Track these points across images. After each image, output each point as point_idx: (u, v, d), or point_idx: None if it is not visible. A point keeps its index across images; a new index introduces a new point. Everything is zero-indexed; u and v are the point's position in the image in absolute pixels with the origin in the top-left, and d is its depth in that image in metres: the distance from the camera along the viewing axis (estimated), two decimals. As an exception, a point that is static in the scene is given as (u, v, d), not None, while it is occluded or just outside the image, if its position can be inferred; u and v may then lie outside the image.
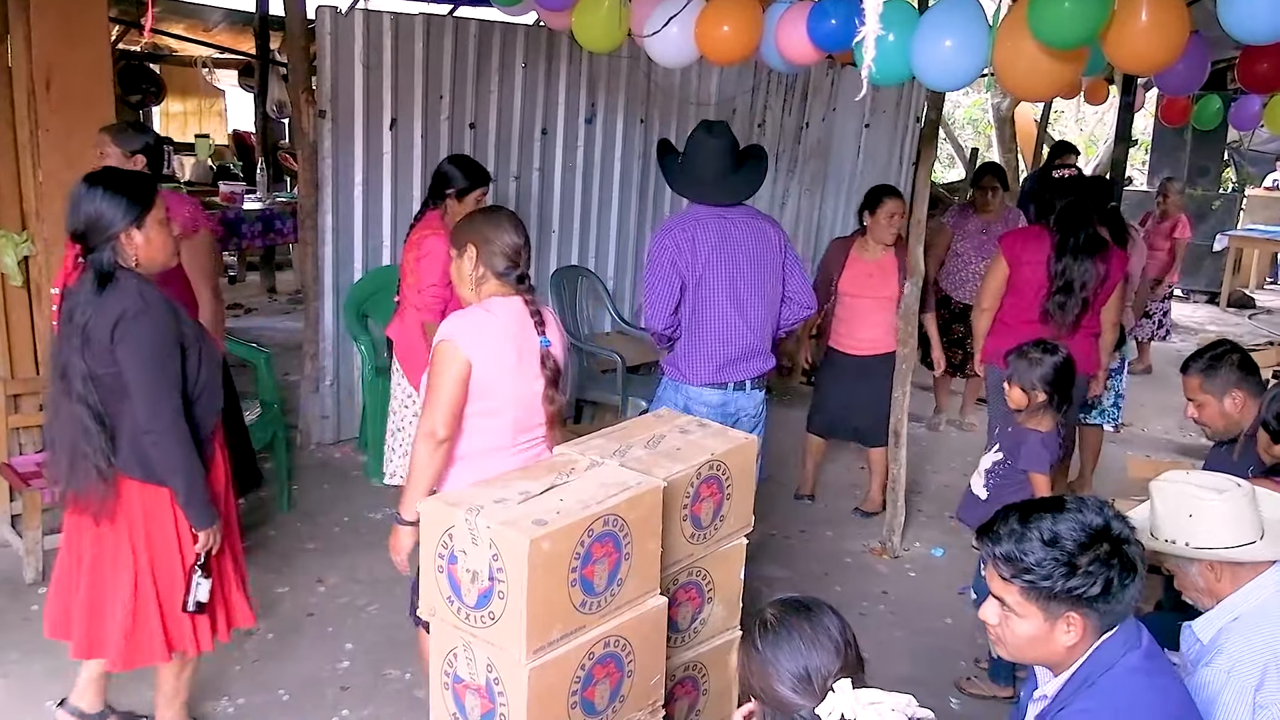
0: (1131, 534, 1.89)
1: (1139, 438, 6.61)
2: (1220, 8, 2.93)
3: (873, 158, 8.43)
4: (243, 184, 8.39)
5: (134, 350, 2.54)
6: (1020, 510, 1.94)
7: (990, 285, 4.58)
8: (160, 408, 2.57)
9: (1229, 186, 12.78)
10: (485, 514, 2.05)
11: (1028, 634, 1.91)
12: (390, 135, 5.52)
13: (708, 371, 3.77)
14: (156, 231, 2.68)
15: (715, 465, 2.49)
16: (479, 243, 2.73)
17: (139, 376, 2.56)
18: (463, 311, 2.76)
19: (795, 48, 3.75)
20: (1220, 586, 2.26)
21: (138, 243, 2.63)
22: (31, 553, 3.96)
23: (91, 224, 2.59)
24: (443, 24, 5.74)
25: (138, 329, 2.54)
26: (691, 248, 3.67)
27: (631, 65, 6.46)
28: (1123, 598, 1.85)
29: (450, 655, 2.20)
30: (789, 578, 4.41)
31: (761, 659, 1.83)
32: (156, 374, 2.57)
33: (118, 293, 2.57)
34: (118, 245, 2.60)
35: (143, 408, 2.57)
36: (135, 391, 2.57)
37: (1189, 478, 2.36)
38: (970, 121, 17.50)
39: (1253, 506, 2.26)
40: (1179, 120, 8.47)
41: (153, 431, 2.58)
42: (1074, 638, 1.88)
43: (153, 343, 2.57)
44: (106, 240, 2.59)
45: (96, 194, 2.60)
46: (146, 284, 2.64)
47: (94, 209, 2.59)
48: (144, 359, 2.55)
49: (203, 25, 9.77)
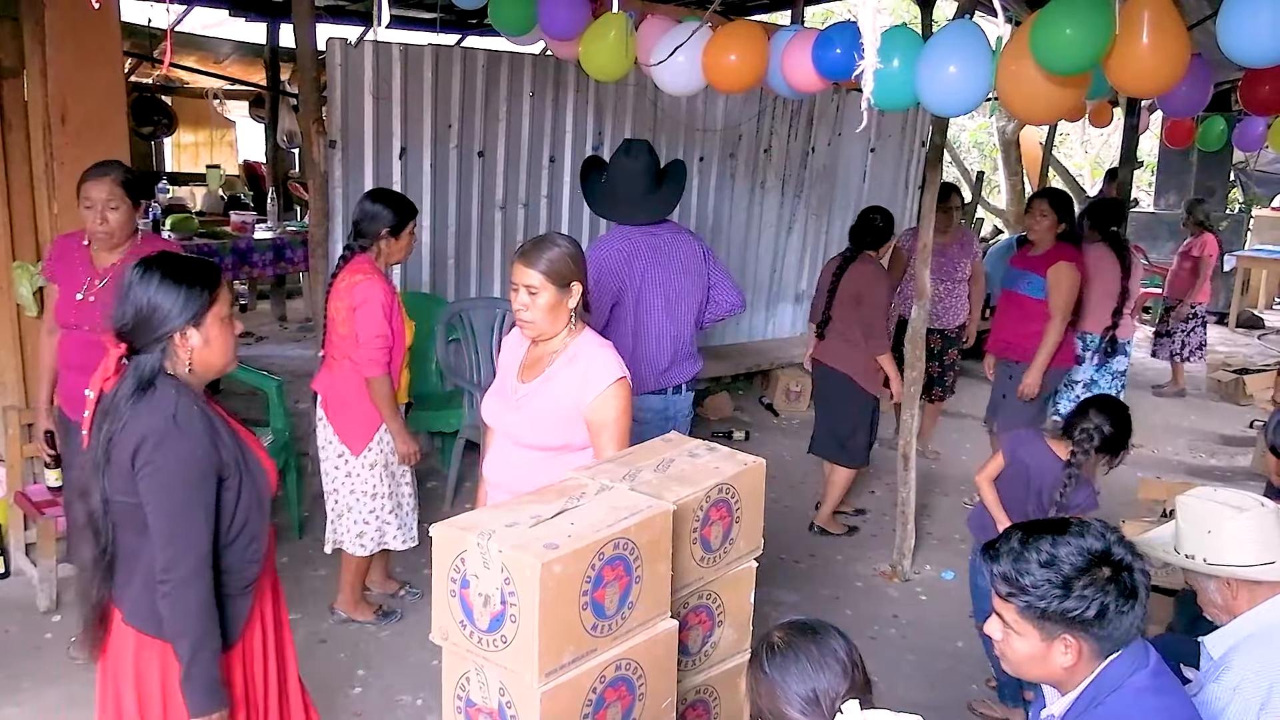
0: (1135, 560, 1.89)
1: (1150, 459, 6.60)
2: (1220, 31, 2.95)
3: (879, 182, 8.47)
4: (254, 213, 8.46)
5: (156, 484, 2.10)
6: (1024, 530, 1.96)
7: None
8: (180, 556, 2.12)
9: (1235, 207, 12.79)
10: (497, 538, 2.07)
11: (1026, 652, 1.93)
12: (400, 164, 5.58)
13: (651, 378, 3.89)
14: (218, 331, 2.23)
15: (725, 489, 2.51)
16: None
17: (159, 515, 2.12)
18: (609, 346, 2.78)
19: (801, 76, 3.78)
20: (1237, 604, 2.26)
21: (194, 345, 2.19)
22: (45, 581, 3.98)
23: (142, 320, 2.14)
24: (451, 54, 5.82)
25: (162, 459, 2.10)
26: (629, 261, 3.80)
27: (638, 93, 6.52)
28: (1120, 623, 1.86)
29: (463, 679, 2.21)
30: (799, 601, 4.41)
31: (769, 681, 1.84)
32: (180, 514, 2.12)
33: (149, 408, 2.12)
34: (169, 347, 2.17)
35: (164, 551, 2.12)
36: (157, 532, 2.12)
37: (1214, 494, 2.35)
38: (976, 145, 17.55)
39: (1275, 526, 2.25)
40: (1183, 142, 8.52)
41: (166, 582, 2.12)
42: (1071, 659, 1.89)
43: (180, 477, 2.11)
44: (157, 340, 2.15)
45: (151, 283, 2.15)
46: (185, 398, 2.17)
47: (146, 301, 2.14)
48: (166, 496, 2.11)
49: (214, 57, 9.88)
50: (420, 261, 5.80)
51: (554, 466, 2.72)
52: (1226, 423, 7.54)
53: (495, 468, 2.91)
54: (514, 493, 2.72)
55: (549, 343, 2.80)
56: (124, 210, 3.45)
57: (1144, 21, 2.96)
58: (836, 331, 4.99)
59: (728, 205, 7.45)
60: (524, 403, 2.79)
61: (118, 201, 3.43)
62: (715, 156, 7.23)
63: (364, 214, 3.82)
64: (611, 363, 2.73)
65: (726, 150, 7.29)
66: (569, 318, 2.76)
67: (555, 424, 2.75)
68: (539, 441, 2.77)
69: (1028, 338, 5.08)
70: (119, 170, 3.48)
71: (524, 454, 2.80)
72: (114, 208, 3.42)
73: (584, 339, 2.80)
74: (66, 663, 3.66)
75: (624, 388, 2.72)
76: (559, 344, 2.79)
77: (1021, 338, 5.13)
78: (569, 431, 2.75)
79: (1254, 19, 2.86)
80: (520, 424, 2.79)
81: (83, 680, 3.56)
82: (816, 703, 1.80)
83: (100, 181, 3.41)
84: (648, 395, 3.90)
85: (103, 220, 3.42)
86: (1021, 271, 5.22)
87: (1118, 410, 3.49)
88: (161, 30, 8.58)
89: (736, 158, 7.36)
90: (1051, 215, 5.06)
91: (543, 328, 2.75)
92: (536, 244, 2.76)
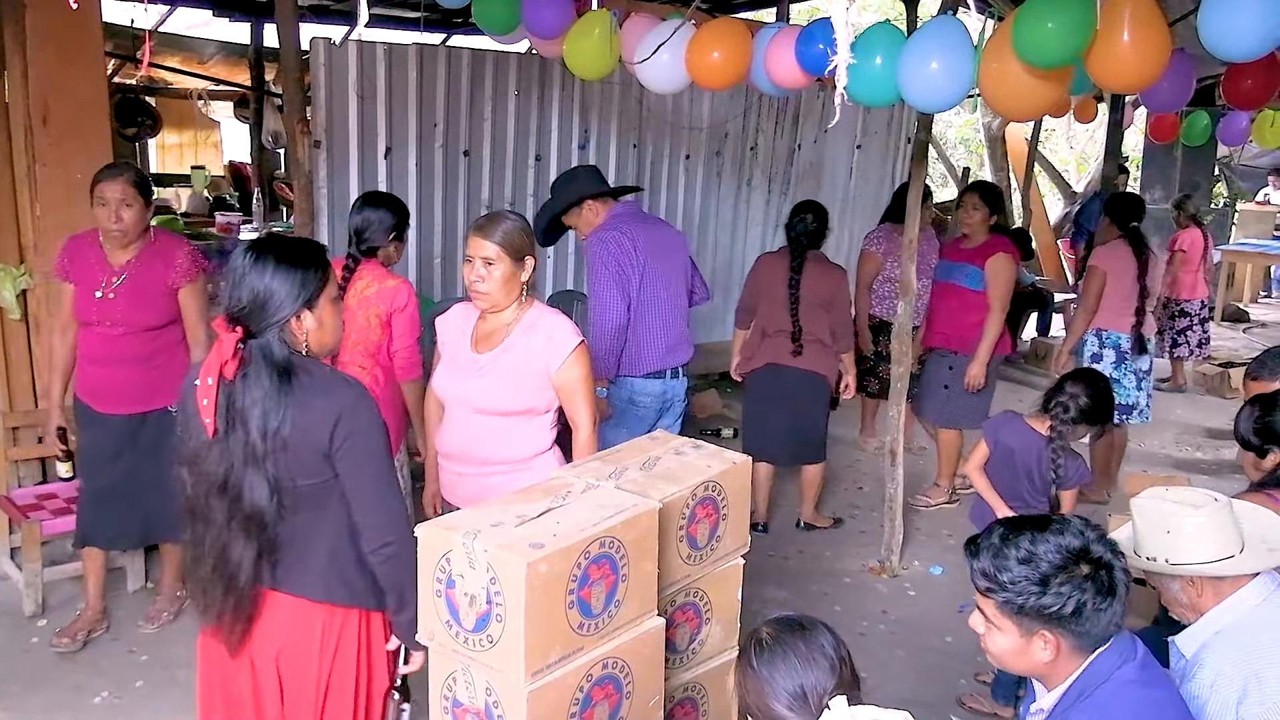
0: (1115, 558, 1.90)
1: (1136, 453, 6.62)
2: (1201, 26, 2.96)
3: (865, 178, 8.48)
4: (239, 214, 8.42)
5: (361, 453, 2.18)
6: (1006, 525, 1.97)
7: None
8: (397, 513, 2.22)
9: (1220, 201, 12.85)
10: (482, 537, 2.06)
11: (1006, 646, 1.96)
12: (385, 164, 5.57)
13: (653, 359, 4.01)
14: (329, 312, 2.27)
15: (711, 486, 2.51)
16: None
17: (371, 482, 2.19)
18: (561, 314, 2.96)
19: (784, 72, 3.79)
20: (1202, 601, 2.26)
21: (308, 327, 2.22)
22: (31, 585, 3.96)
23: (260, 304, 2.15)
24: (436, 53, 5.80)
25: (362, 429, 2.18)
26: (633, 247, 3.93)
27: (624, 91, 6.52)
28: (1098, 620, 1.87)
29: (449, 680, 2.20)
30: (788, 598, 4.41)
31: (757, 678, 1.84)
32: (387, 478, 2.22)
33: (321, 386, 2.17)
34: (285, 330, 2.18)
35: (378, 516, 2.21)
36: (367, 499, 2.20)
37: (1167, 494, 2.35)
38: (962, 141, 17.60)
39: (1231, 520, 2.25)
40: (1168, 137, 8.55)
41: (393, 543, 2.21)
42: (1050, 655, 1.91)
43: (380, 443, 2.22)
44: (273, 324, 2.16)
45: (267, 268, 2.16)
46: (337, 371, 2.24)
47: (264, 286, 2.15)
48: (374, 463, 2.20)
49: (198, 58, 9.81)
50: (407, 261, 5.78)
51: (515, 431, 2.90)
52: (1212, 416, 7.58)
53: (451, 438, 2.98)
54: (473, 460, 2.88)
55: (499, 315, 2.91)
56: (137, 208, 3.55)
57: (1125, 16, 2.97)
58: (811, 336, 4.89)
59: (714, 203, 7.45)
60: (486, 371, 2.89)
61: (131, 200, 3.52)
62: (701, 154, 7.23)
63: (367, 220, 3.71)
64: (570, 329, 2.90)
65: (713, 148, 7.29)
66: (521, 290, 2.89)
67: (519, 390, 2.87)
68: (503, 407, 2.88)
69: (967, 329, 5.19)
70: (132, 171, 3.61)
71: (484, 420, 2.90)
72: (128, 205, 3.52)
73: (537, 310, 2.95)
74: (53, 666, 3.65)
75: (585, 350, 2.91)
76: (510, 315, 2.91)
77: (961, 329, 5.23)
78: (533, 396, 2.88)
79: (1235, 14, 2.87)
80: (484, 391, 2.88)
81: (70, 684, 3.56)
82: (804, 699, 1.80)
83: (114, 181, 3.51)
84: (648, 380, 4.03)
85: (117, 219, 3.51)
86: (958, 264, 5.29)
87: (1094, 380, 3.53)
88: (144, 31, 8.54)
89: (723, 155, 7.37)
90: (984, 208, 5.22)
91: (497, 299, 2.86)
92: (491, 218, 2.90)
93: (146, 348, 3.62)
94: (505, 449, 2.90)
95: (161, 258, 3.64)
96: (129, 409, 3.65)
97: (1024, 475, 3.60)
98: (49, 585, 4.02)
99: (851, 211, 8.46)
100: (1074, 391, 3.49)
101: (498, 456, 2.91)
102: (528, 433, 2.92)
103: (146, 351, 3.63)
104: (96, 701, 3.48)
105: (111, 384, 3.63)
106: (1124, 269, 5.40)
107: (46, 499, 4.18)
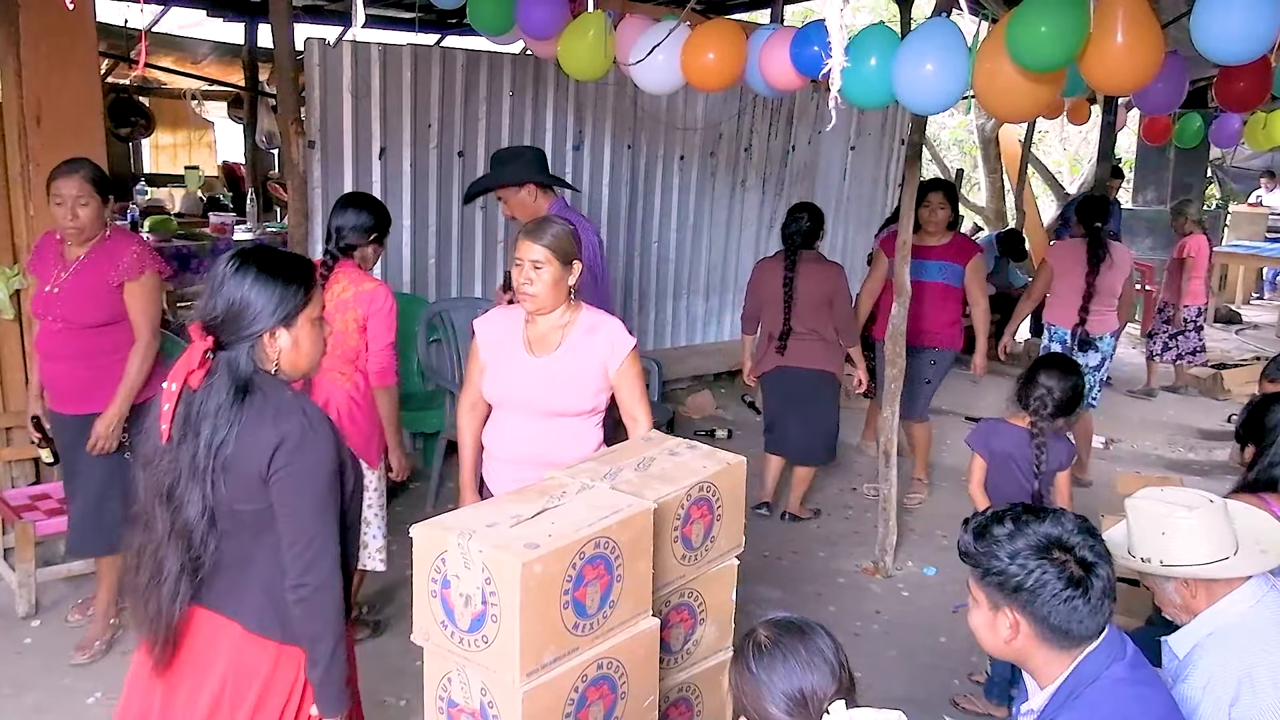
0: (1096, 559, 1.89)
1: (1129, 453, 6.65)
2: (1193, 29, 2.98)
3: (859, 179, 8.50)
4: (233, 215, 8.40)
5: (294, 487, 2.04)
6: (1007, 509, 1.99)
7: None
8: (320, 558, 2.06)
9: (1212, 203, 12.89)
10: (478, 538, 2.07)
11: (979, 622, 1.99)
12: (379, 164, 5.57)
13: None
14: (307, 333, 2.15)
15: (705, 487, 2.51)
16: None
17: (298, 520, 2.05)
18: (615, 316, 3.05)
19: (779, 74, 3.80)
20: (1196, 602, 2.26)
21: (281, 345, 2.11)
22: (24, 586, 3.95)
23: (234, 315, 2.05)
24: (430, 54, 5.80)
25: (300, 462, 2.04)
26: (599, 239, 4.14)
27: (618, 91, 6.52)
28: (1058, 610, 1.86)
29: (445, 680, 2.20)
30: (782, 598, 4.42)
31: (755, 680, 1.83)
32: (320, 516, 2.07)
33: (273, 410, 2.05)
34: (257, 345, 2.08)
35: (298, 557, 2.05)
36: (292, 535, 2.05)
37: (1162, 495, 2.35)
38: (956, 142, 17.64)
39: (1225, 522, 2.26)
40: (1161, 139, 8.57)
41: (305, 586, 2.04)
42: (1009, 634, 1.93)
43: (319, 479, 2.06)
44: (245, 338, 2.06)
45: (246, 278, 2.06)
46: (301, 396, 2.14)
47: (240, 296, 2.05)
48: (308, 499, 2.05)
49: (191, 58, 9.80)
50: (401, 262, 5.79)
51: (579, 430, 2.98)
52: (1205, 417, 7.60)
53: (516, 443, 3.00)
54: (542, 462, 2.77)
55: (549, 317, 2.95)
56: (94, 206, 3.46)
57: (1118, 19, 2.99)
58: (808, 335, 4.96)
59: (708, 204, 7.46)
60: (548, 373, 2.93)
61: (88, 198, 3.44)
62: (696, 155, 7.24)
63: (347, 220, 3.69)
64: (625, 331, 3.00)
65: (707, 149, 7.30)
66: (568, 293, 2.93)
67: (583, 390, 2.94)
68: (567, 408, 2.94)
69: (948, 325, 5.42)
70: (89, 167, 3.49)
71: (549, 422, 2.96)
72: (84, 204, 3.43)
73: (589, 312, 3.00)
74: (46, 668, 3.64)
75: (637, 350, 3.02)
76: (561, 318, 2.95)
77: (942, 325, 5.41)
78: (595, 396, 2.96)
79: (1226, 17, 2.89)
80: (549, 393, 2.93)
81: (62, 686, 3.55)
82: (804, 704, 1.78)
83: (70, 178, 3.43)
84: None
85: (73, 216, 3.43)
86: (943, 262, 5.39)
87: (1066, 368, 3.57)
88: (138, 31, 8.52)
89: (717, 156, 7.38)
90: (948, 207, 5.39)
91: (544, 302, 2.89)
92: (540, 223, 2.96)
93: (87, 345, 3.53)
94: (573, 448, 2.91)
95: (109, 254, 3.53)
96: (73, 408, 3.58)
97: (1020, 476, 3.61)
98: (42, 586, 4.01)
99: (846, 213, 8.48)
100: (1049, 385, 3.51)
101: (565, 456, 2.86)
102: (587, 430, 3.00)
103: (87, 349, 3.54)
104: (89, 702, 3.47)
105: (57, 380, 3.61)
106: (1072, 267, 5.55)
107: (40, 499, 4.17)
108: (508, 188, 4.06)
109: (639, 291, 7.19)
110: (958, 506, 5.02)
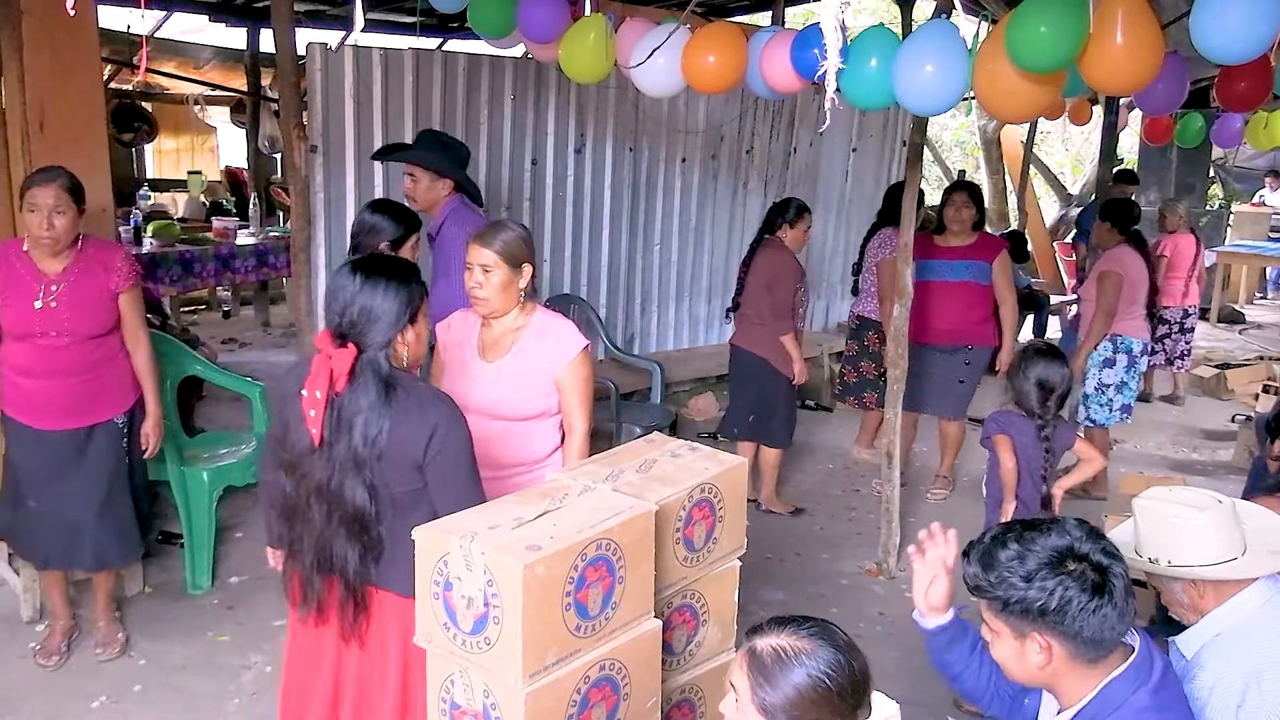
0: (1109, 560, 1.87)
1: (1132, 454, 6.64)
2: (1193, 29, 2.98)
3: (861, 181, 8.50)
4: (236, 219, 8.43)
5: (455, 462, 2.33)
6: (1000, 529, 1.96)
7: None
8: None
9: (1215, 203, 12.88)
10: (479, 540, 2.07)
11: (1005, 653, 1.93)
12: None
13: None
14: (423, 326, 2.43)
15: (707, 488, 2.51)
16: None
17: (456, 490, 2.34)
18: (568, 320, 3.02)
19: (779, 76, 3.80)
20: (1204, 603, 2.24)
21: (409, 340, 2.36)
22: (29, 590, 3.96)
23: (372, 321, 2.29)
24: (431, 58, 5.81)
25: (455, 442, 2.33)
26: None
27: (619, 95, 6.53)
28: (1088, 622, 1.82)
29: (447, 682, 2.21)
30: (785, 599, 4.42)
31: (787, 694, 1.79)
32: (473, 485, 2.37)
33: (417, 402, 2.32)
34: (391, 346, 2.32)
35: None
36: (451, 504, 2.29)
37: (1170, 495, 2.34)
38: (958, 144, 17.64)
39: (1234, 523, 2.24)
40: (1162, 139, 8.55)
41: None
42: (1043, 659, 1.87)
43: (469, 454, 2.37)
44: (386, 341, 2.30)
45: (376, 288, 2.30)
46: (429, 384, 2.41)
47: (374, 305, 2.29)
48: (463, 472, 2.35)
49: (194, 63, 9.83)
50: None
51: (531, 433, 2.97)
52: (1208, 417, 7.59)
53: None
54: (491, 464, 2.81)
55: (503, 320, 2.96)
56: (70, 216, 3.39)
57: (1118, 19, 2.99)
58: (750, 316, 5.18)
59: (710, 206, 7.46)
60: (500, 378, 2.94)
61: (64, 207, 3.36)
62: (697, 158, 7.24)
63: (363, 225, 3.73)
64: (576, 333, 2.98)
65: (709, 151, 7.30)
66: (519, 296, 2.94)
67: (533, 393, 2.94)
68: (520, 412, 2.94)
69: (978, 323, 5.43)
70: (65, 176, 3.41)
71: (502, 425, 2.94)
72: (60, 213, 3.35)
73: (542, 315, 3.01)
74: (51, 671, 3.65)
75: (588, 355, 2.98)
76: (514, 321, 2.97)
77: (972, 324, 5.43)
78: (546, 399, 2.95)
79: (1226, 17, 2.89)
80: (500, 398, 2.93)
81: (67, 689, 3.56)
82: None
83: (47, 187, 3.35)
84: None
85: (49, 225, 3.34)
86: (971, 261, 5.42)
87: (1054, 356, 3.62)
88: (141, 36, 8.55)
89: (719, 159, 7.38)
90: (973, 207, 5.43)
91: (495, 305, 2.91)
92: (492, 227, 2.98)
93: (90, 357, 3.51)
94: (523, 451, 2.96)
95: (101, 263, 3.50)
96: (73, 423, 3.53)
97: (1028, 470, 3.63)
98: (46, 590, 4.01)
99: (847, 214, 8.47)
100: (1047, 377, 3.54)
101: (515, 459, 2.95)
102: (541, 433, 2.99)
103: (90, 361, 3.51)
104: (95, 706, 3.48)
105: (51, 398, 3.49)
106: (1138, 274, 5.49)
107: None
108: (429, 170, 4.12)
109: (641, 294, 7.19)
110: (964, 509, 5.03)
